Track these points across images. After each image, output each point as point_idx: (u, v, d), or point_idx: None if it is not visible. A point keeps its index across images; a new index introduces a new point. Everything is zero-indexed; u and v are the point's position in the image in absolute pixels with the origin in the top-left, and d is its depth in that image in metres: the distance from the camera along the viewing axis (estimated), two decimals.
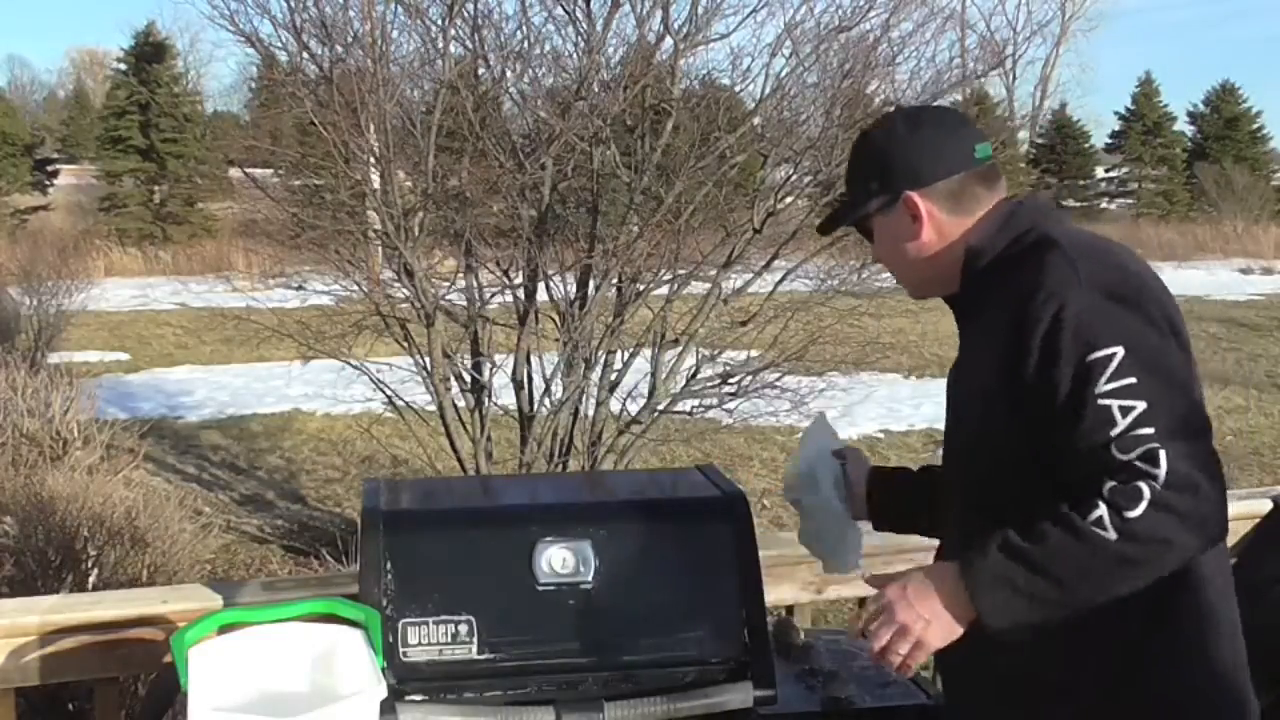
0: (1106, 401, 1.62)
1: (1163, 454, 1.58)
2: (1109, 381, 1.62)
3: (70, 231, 23.18)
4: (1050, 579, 1.62)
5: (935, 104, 2.38)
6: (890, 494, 2.13)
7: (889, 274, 2.03)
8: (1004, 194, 1.89)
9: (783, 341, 6.81)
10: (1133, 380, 1.62)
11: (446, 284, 6.59)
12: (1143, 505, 1.57)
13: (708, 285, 6.60)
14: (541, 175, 6.25)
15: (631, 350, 6.75)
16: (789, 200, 6.97)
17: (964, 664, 1.82)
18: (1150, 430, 1.60)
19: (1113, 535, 1.57)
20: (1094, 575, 1.61)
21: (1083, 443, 1.63)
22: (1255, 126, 36.98)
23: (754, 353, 6.94)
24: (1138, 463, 1.59)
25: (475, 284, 6.51)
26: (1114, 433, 1.61)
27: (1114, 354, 1.63)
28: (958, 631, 1.68)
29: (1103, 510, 1.58)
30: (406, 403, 6.76)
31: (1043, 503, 1.67)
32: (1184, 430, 1.62)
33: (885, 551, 2.70)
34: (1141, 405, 1.61)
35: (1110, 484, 1.59)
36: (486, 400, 6.58)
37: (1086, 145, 36.96)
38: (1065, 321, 1.66)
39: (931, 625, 1.68)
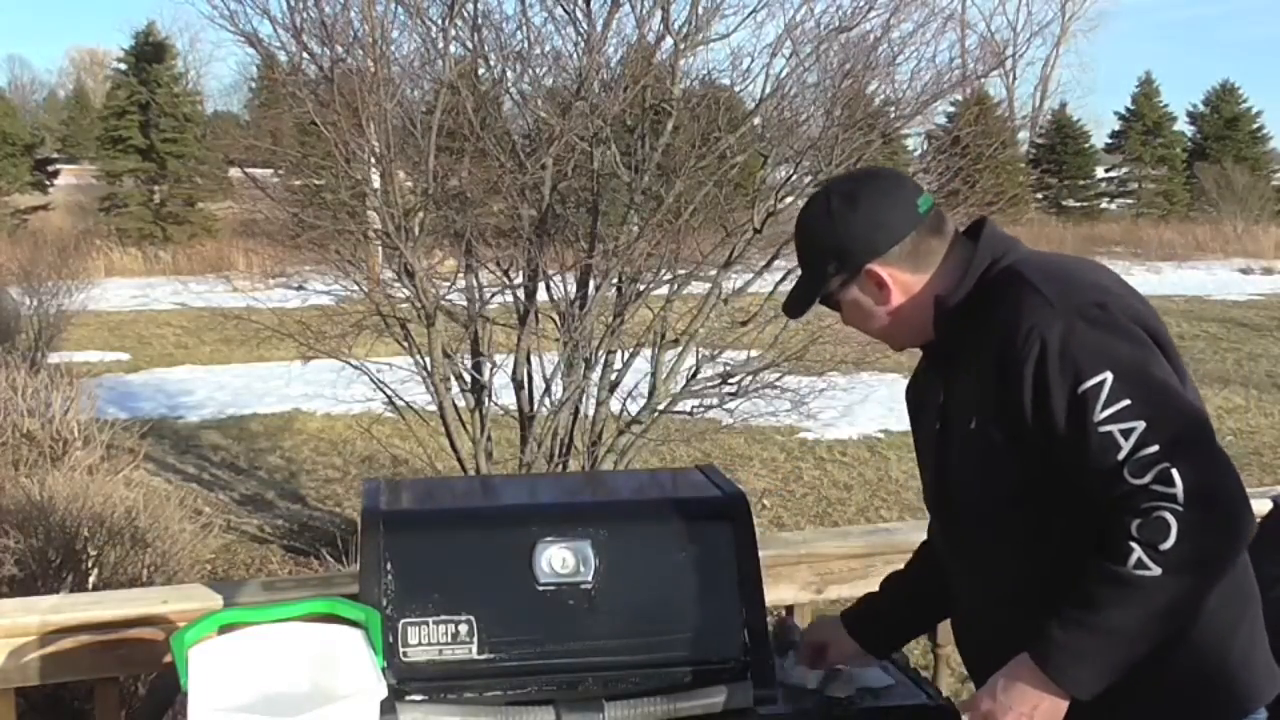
0: (1107, 428, 1.66)
1: (1175, 472, 1.61)
2: (1104, 409, 1.66)
3: (70, 231, 23.15)
4: (1120, 637, 1.66)
5: (863, 171, 2.45)
6: (877, 626, 2.24)
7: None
8: (953, 235, 1.92)
9: (783, 341, 6.80)
10: (1127, 402, 1.66)
11: (446, 284, 6.58)
12: (1173, 534, 1.60)
13: (708, 285, 6.60)
14: (542, 175, 6.25)
15: (631, 350, 6.74)
16: (789, 200, 6.96)
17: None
18: (1155, 448, 1.63)
19: (1157, 571, 1.61)
20: (1159, 613, 1.65)
21: (1092, 470, 1.68)
22: (1255, 126, 36.99)
23: (754, 353, 6.93)
24: (1154, 486, 1.62)
25: (475, 284, 6.50)
26: (1120, 456, 1.65)
27: (1103, 380, 1.67)
28: (1062, 709, 1.72)
29: (1138, 551, 1.62)
30: (406, 403, 6.76)
31: (1065, 527, 1.74)
32: (1186, 438, 1.66)
33: (877, 552, 2.71)
34: (1141, 425, 1.65)
35: (1136, 521, 1.63)
36: (486, 400, 6.57)
37: (1086, 145, 36.95)
38: (1049, 355, 1.70)
39: (1036, 716, 1.72)
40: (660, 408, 6.59)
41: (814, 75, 6.68)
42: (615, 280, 6.47)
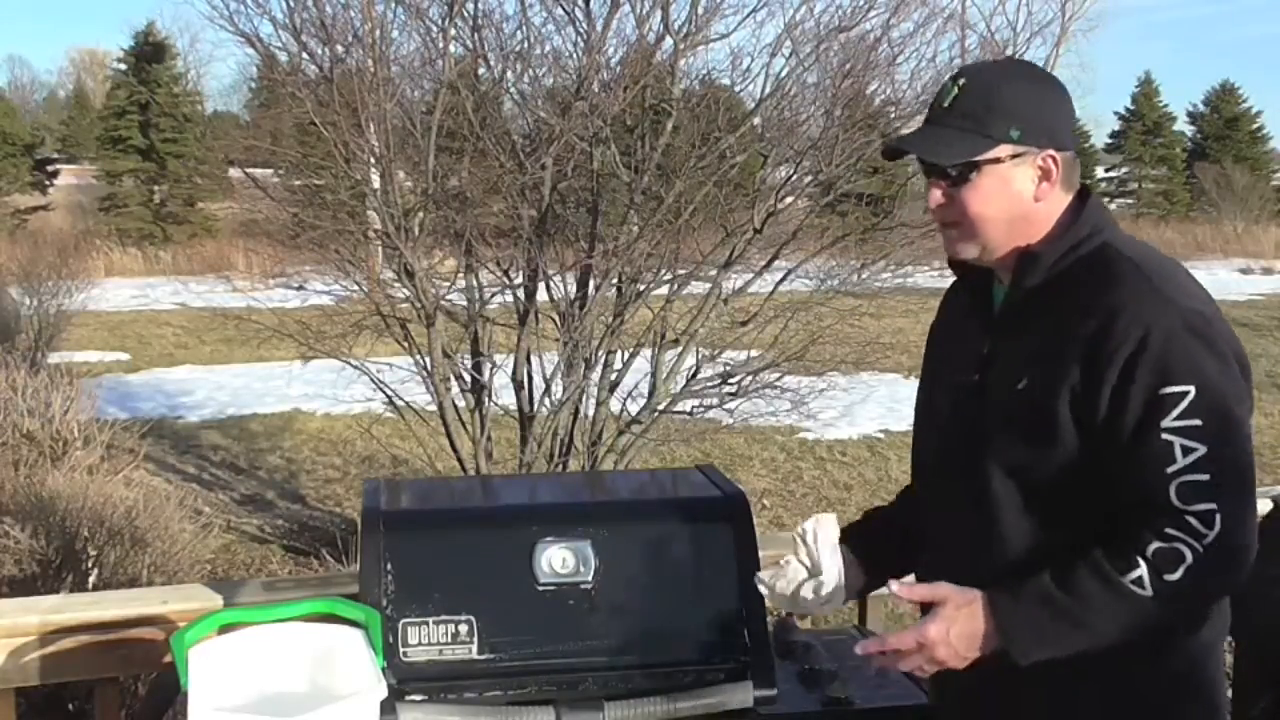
0: (1170, 437, 1.65)
1: (1219, 518, 1.62)
2: (1177, 419, 1.65)
3: (70, 231, 23.17)
4: (1081, 628, 1.66)
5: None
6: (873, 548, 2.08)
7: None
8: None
9: (783, 341, 6.81)
10: (1199, 422, 1.64)
11: (446, 284, 6.58)
12: (1182, 570, 1.61)
13: (708, 285, 6.60)
14: (541, 175, 6.25)
15: (631, 350, 6.75)
16: (789, 200, 6.97)
17: (965, 692, 1.86)
18: (1206, 477, 1.63)
19: (1149, 594, 1.62)
20: (1123, 626, 1.66)
21: (1139, 471, 1.66)
22: (1255, 126, 36.95)
23: (754, 353, 6.94)
24: (1191, 519, 1.62)
25: (475, 284, 6.51)
26: (1170, 470, 1.64)
27: (1186, 392, 1.65)
28: (978, 641, 1.71)
29: (1143, 570, 1.62)
30: (406, 403, 6.76)
31: (1080, 512, 1.72)
32: (1238, 483, 1.66)
33: None
34: (1202, 450, 1.63)
35: (1155, 545, 1.62)
36: (486, 400, 6.58)
37: (1086, 145, 36.85)
38: (1148, 349, 1.66)
39: (963, 658, 1.72)
40: (660, 408, 6.59)
41: (814, 75, 6.69)
42: (615, 280, 6.47)
